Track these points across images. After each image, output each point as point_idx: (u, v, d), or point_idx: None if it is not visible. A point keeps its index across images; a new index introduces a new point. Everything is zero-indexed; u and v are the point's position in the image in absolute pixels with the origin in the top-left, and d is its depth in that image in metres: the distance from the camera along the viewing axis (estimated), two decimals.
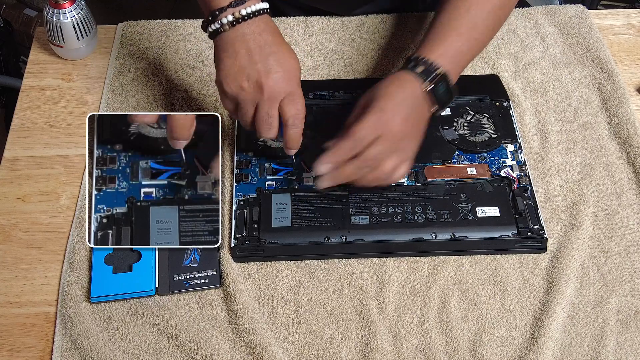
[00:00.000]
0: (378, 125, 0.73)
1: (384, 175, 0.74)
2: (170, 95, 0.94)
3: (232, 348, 0.73)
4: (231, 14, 0.72)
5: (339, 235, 0.78)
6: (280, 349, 0.73)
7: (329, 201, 0.80)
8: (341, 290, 0.77)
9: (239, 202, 0.81)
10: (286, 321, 0.75)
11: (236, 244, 0.78)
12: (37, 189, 0.86)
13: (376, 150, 0.73)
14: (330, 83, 0.94)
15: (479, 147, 0.85)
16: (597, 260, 0.78)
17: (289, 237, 0.78)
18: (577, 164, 0.86)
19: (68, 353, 0.73)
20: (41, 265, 0.80)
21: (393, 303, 0.76)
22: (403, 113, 0.74)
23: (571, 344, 0.73)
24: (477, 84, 0.93)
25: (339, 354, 0.73)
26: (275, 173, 0.84)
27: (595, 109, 0.92)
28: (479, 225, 0.78)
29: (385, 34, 1.01)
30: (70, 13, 0.93)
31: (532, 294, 0.76)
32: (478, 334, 0.73)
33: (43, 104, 0.95)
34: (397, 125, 0.73)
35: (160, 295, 0.77)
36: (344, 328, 0.74)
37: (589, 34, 0.99)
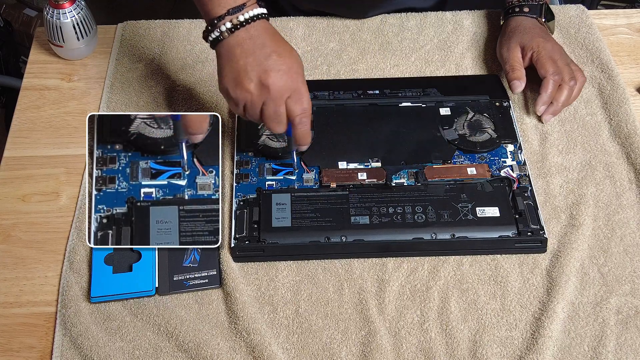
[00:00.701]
0: (557, 63, 0.89)
1: (577, 90, 0.89)
2: (170, 95, 0.94)
3: (232, 348, 0.73)
4: (229, 21, 0.73)
5: (338, 235, 0.78)
6: (280, 349, 0.73)
7: (328, 201, 0.80)
8: (341, 290, 0.77)
9: (239, 202, 0.81)
10: (286, 321, 0.75)
11: (236, 244, 0.78)
12: (37, 189, 0.86)
13: (568, 76, 0.88)
14: (331, 83, 0.94)
15: (479, 147, 0.85)
16: (597, 260, 0.78)
17: (289, 237, 0.78)
18: (577, 164, 0.86)
19: (68, 353, 0.73)
20: (41, 265, 0.80)
21: (393, 303, 0.76)
22: (556, 43, 0.93)
23: (571, 344, 0.73)
24: (477, 84, 0.93)
25: (339, 354, 0.73)
26: (275, 173, 0.84)
27: (595, 108, 0.92)
28: (479, 225, 0.78)
29: (386, 34, 1.01)
30: (70, 13, 0.93)
31: (532, 294, 0.76)
32: (478, 334, 0.73)
33: (43, 104, 0.95)
34: (562, 53, 0.92)
35: (160, 295, 0.77)
36: (344, 328, 0.74)
37: (589, 34, 0.99)
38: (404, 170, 0.83)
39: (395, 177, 0.82)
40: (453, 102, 0.89)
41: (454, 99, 0.90)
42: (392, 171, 0.83)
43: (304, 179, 0.83)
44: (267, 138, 0.86)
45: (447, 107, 0.89)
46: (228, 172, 0.85)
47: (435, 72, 0.96)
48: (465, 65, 0.97)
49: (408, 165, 0.83)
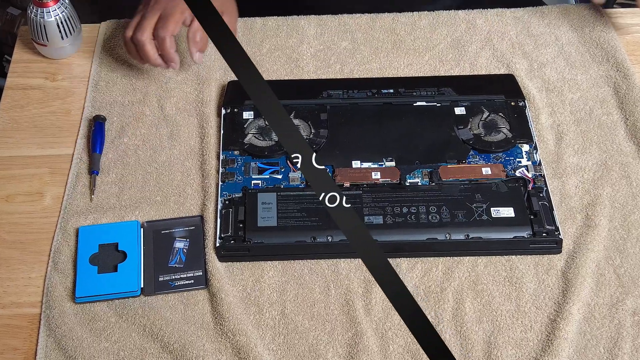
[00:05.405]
0: None
1: None
2: (156, 94, 0.93)
3: (218, 349, 0.73)
4: None
5: (325, 235, 0.77)
6: (266, 350, 0.73)
7: (315, 201, 0.80)
8: (327, 291, 0.76)
9: (224, 201, 0.81)
10: (272, 322, 0.74)
11: (221, 244, 0.77)
12: (21, 189, 0.85)
13: None
14: (344, 82, 0.94)
15: (494, 147, 0.84)
16: (613, 261, 0.78)
17: (275, 236, 0.77)
18: (593, 164, 0.85)
19: (52, 354, 0.72)
20: (25, 266, 0.79)
21: (380, 304, 0.75)
22: None
23: (587, 345, 0.72)
24: (492, 84, 0.92)
25: (325, 355, 0.72)
26: (261, 172, 0.83)
27: (611, 108, 0.91)
28: (494, 226, 0.78)
29: (398, 32, 1.00)
30: (54, 12, 0.91)
31: (547, 295, 0.75)
32: (493, 336, 0.73)
33: (27, 103, 0.93)
34: None
35: (146, 296, 0.76)
36: (331, 329, 0.74)
37: (604, 32, 0.99)
38: (418, 170, 0.82)
39: (410, 177, 0.82)
40: (468, 102, 0.89)
41: (469, 99, 0.89)
42: (406, 171, 0.82)
43: (290, 178, 0.82)
44: (254, 137, 0.86)
45: (462, 107, 0.88)
46: (213, 171, 0.85)
47: (450, 72, 0.95)
48: (479, 64, 0.96)
49: (422, 165, 0.83)
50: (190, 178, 0.85)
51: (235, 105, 0.89)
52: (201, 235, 0.80)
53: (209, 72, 0.95)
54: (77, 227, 0.81)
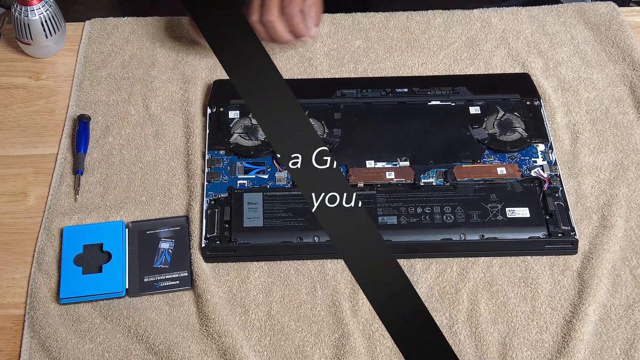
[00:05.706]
0: None
1: None
2: (141, 93, 0.93)
3: (204, 351, 0.72)
4: None
5: (311, 236, 0.77)
6: (252, 351, 0.72)
7: (301, 201, 0.79)
8: (314, 291, 0.76)
9: (210, 201, 0.80)
10: (258, 323, 0.74)
11: (207, 244, 0.77)
12: (5, 189, 0.85)
13: None
14: (358, 81, 0.93)
15: (509, 147, 0.84)
16: (629, 262, 0.77)
17: (261, 237, 0.77)
18: (609, 163, 0.85)
19: (36, 356, 0.72)
20: (8, 266, 0.78)
21: (367, 305, 0.75)
22: None
23: (603, 347, 0.72)
24: (507, 83, 0.91)
25: (312, 356, 0.72)
26: (247, 172, 0.83)
27: (627, 107, 0.90)
28: (509, 226, 0.77)
29: (412, 31, 1.00)
30: (38, 10, 0.91)
31: (562, 296, 0.75)
32: (508, 337, 0.72)
33: (11, 102, 0.93)
34: None
35: (131, 297, 0.76)
36: (317, 330, 0.73)
37: (620, 31, 0.98)
38: (433, 169, 0.82)
39: (424, 177, 0.81)
40: (483, 101, 0.88)
41: (484, 98, 0.89)
42: (421, 171, 0.82)
43: (276, 178, 0.82)
44: (239, 136, 0.86)
45: (477, 106, 0.88)
46: (199, 171, 0.84)
47: (465, 71, 0.95)
48: (494, 63, 0.96)
49: (437, 165, 0.82)
50: (175, 178, 0.85)
51: (221, 104, 0.89)
52: (187, 236, 0.79)
53: (195, 71, 0.95)
54: (61, 227, 0.80)
